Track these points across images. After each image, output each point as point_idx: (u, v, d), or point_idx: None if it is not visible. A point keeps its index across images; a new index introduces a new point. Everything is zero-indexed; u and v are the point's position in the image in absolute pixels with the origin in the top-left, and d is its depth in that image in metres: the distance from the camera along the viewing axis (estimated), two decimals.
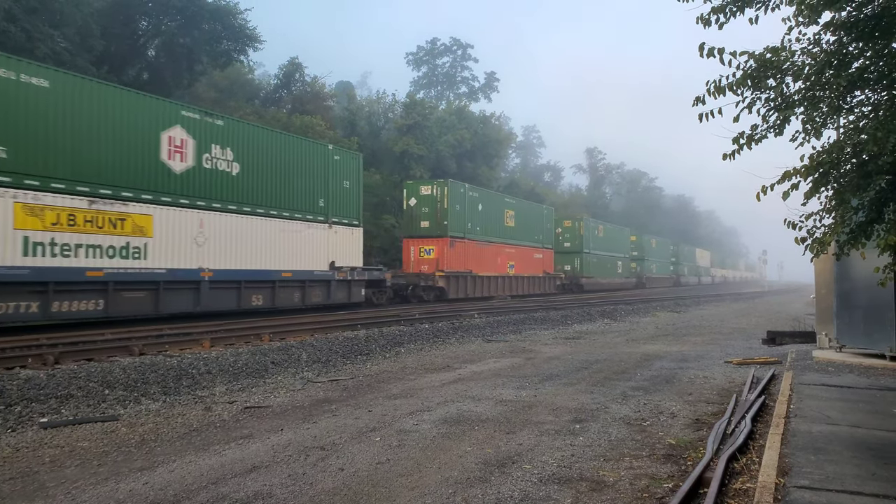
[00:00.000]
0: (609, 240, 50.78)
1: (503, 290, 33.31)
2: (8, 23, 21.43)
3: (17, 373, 9.67)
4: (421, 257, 29.03)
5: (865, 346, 11.79)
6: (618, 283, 51.51)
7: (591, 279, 45.70)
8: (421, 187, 30.05)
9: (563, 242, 44.76)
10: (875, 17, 5.52)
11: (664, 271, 67.84)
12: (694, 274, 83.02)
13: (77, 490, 5.24)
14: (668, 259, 70.27)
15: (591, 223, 47.55)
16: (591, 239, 46.39)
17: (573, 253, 44.79)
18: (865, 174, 5.70)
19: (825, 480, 4.99)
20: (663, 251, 68.30)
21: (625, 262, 54.52)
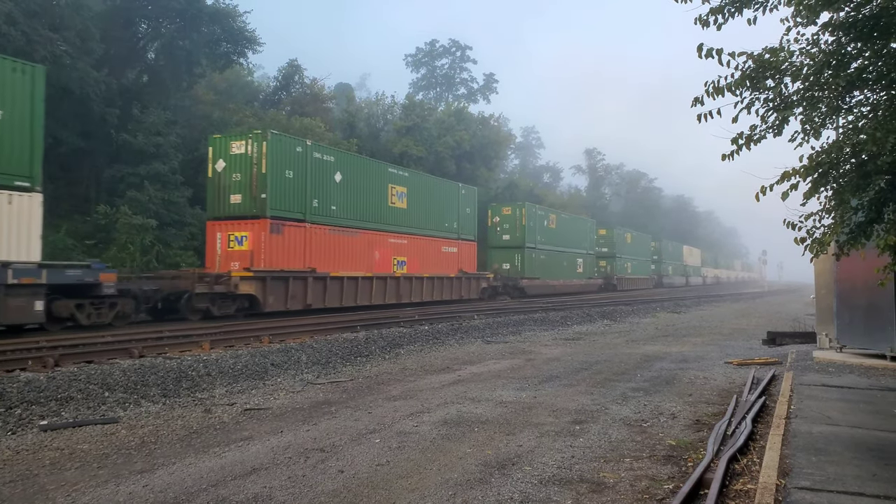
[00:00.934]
0: (565, 232, 42.85)
1: (383, 297, 24.69)
2: (8, 26, 21.43)
3: (17, 375, 9.65)
4: (231, 249, 19.95)
5: (866, 347, 11.79)
6: (576, 284, 43.94)
7: (537, 281, 37.45)
8: (231, 143, 20.43)
9: (502, 235, 37.19)
10: (873, 17, 5.52)
11: (642, 271, 60.04)
12: (681, 274, 75.75)
13: (77, 492, 5.23)
14: (649, 257, 62.98)
15: (537, 211, 39.51)
16: (538, 231, 38.38)
17: (513, 248, 36.75)
18: (865, 174, 5.70)
19: (826, 481, 4.98)
20: (641, 248, 60.14)
21: (588, 260, 47.05)
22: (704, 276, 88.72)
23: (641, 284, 58.85)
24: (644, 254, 61.71)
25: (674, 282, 70.92)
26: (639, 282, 58.50)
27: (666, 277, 68.04)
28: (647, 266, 62.95)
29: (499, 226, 37.51)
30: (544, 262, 39.10)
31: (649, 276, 62.96)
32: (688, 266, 79.81)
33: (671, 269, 71.11)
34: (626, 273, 54.87)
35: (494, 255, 37.18)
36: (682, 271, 77.09)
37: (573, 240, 44.72)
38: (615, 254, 52.35)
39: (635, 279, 57.33)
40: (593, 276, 48.36)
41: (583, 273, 45.84)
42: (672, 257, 72.60)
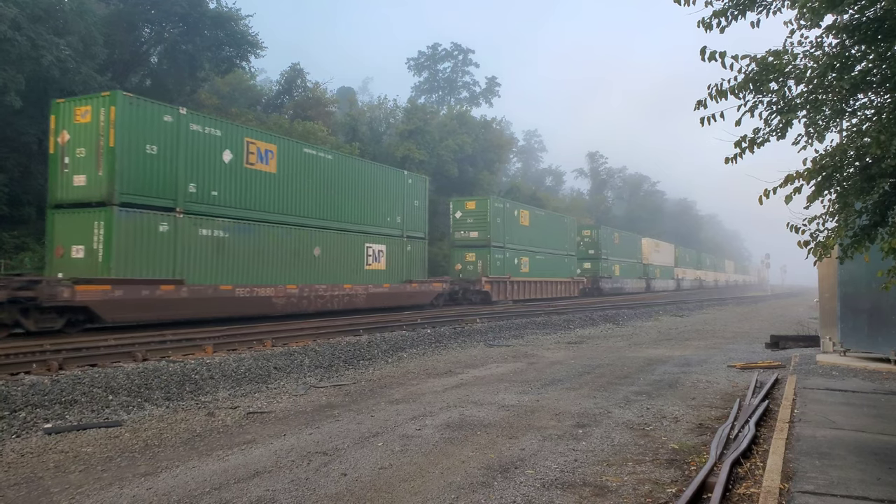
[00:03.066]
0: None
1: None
2: (13, 31, 21.52)
3: (22, 378, 9.66)
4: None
5: (870, 350, 11.76)
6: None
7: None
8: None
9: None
10: (877, 19, 5.51)
11: (558, 270, 41.23)
12: (637, 275, 58.25)
13: (81, 495, 5.24)
14: (571, 251, 43.94)
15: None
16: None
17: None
18: (869, 177, 5.69)
19: (830, 485, 4.97)
20: (556, 236, 41.49)
21: None
22: (679, 279, 72.60)
23: (553, 291, 40.06)
24: (561, 245, 42.21)
25: (623, 285, 53.89)
26: (548, 287, 39.37)
27: (608, 280, 50.65)
28: (569, 267, 43.51)
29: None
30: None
31: (570, 277, 42.94)
32: (651, 266, 62.75)
33: (618, 268, 53.57)
34: (522, 274, 36.35)
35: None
36: (638, 272, 58.97)
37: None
38: (504, 245, 34.40)
39: (540, 283, 38.27)
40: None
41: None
42: (621, 252, 54.78)
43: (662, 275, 67.01)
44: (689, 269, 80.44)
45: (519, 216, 37.01)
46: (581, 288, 45.42)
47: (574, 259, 44.91)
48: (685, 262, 78.74)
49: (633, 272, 57.87)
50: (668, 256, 70.28)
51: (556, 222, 42.99)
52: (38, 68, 22.83)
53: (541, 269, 38.80)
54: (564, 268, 42.79)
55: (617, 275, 53.61)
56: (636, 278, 58.58)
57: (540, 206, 49.79)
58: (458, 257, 33.68)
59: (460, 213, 34.00)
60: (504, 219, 34.60)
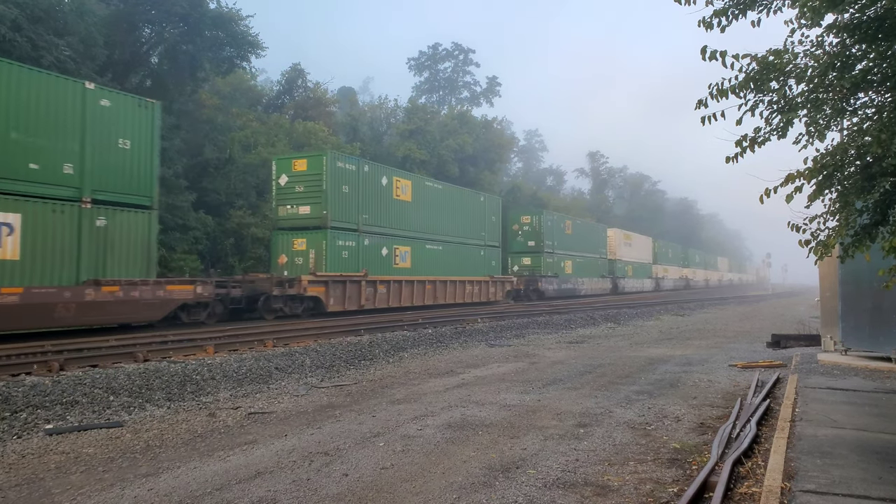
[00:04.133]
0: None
1: None
2: (14, 32, 21.54)
3: (23, 379, 9.69)
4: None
5: (871, 349, 11.75)
6: None
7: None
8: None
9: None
10: (878, 18, 5.51)
11: (472, 267, 31.55)
12: (600, 273, 49.03)
13: (82, 496, 5.24)
14: (490, 243, 33.99)
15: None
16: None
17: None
18: (869, 176, 5.68)
19: (831, 484, 4.97)
20: (467, 222, 31.72)
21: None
22: (658, 278, 63.51)
23: (456, 294, 29.66)
24: (474, 231, 32.14)
25: (577, 287, 43.92)
26: (445, 289, 28.81)
27: (552, 280, 40.16)
28: (481, 259, 32.64)
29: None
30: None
31: (488, 276, 32.81)
32: (620, 262, 53.50)
33: (570, 265, 43.61)
34: (398, 271, 26.10)
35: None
36: (601, 270, 49.82)
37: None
38: (359, 228, 24.25)
39: (430, 283, 27.68)
40: None
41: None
42: (576, 245, 44.97)
43: (636, 273, 57.48)
44: (673, 266, 70.85)
45: (392, 186, 25.92)
46: (508, 291, 35.66)
47: (497, 252, 34.76)
48: (666, 258, 68.71)
49: (592, 270, 47.85)
50: (643, 251, 60.37)
51: (465, 200, 31.78)
52: None
53: (434, 265, 28.13)
54: (478, 263, 32.15)
55: (568, 273, 43.38)
56: (598, 277, 48.53)
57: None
58: (284, 245, 23.15)
59: (286, 176, 23.47)
60: (358, 187, 23.99)
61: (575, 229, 45.94)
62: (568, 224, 45.10)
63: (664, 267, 67.11)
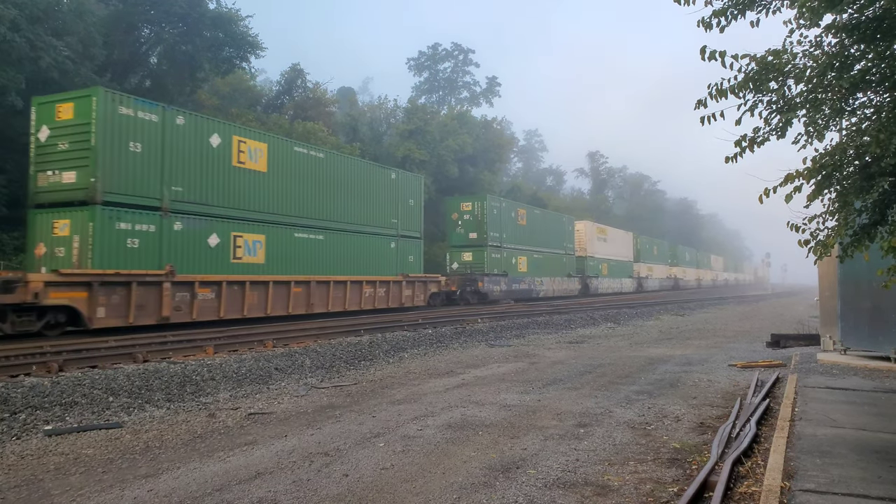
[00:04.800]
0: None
1: None
2: (12, 32, 21.53)
3: (22, 380, 9.68)
4: None
5: (870, 349, 11.76)
6: None
7: None
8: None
9: None
10: (877, 19, 5.51)
11: (364, 265, 24.23)
12: (567, 271, 42.29)
13: (82, 497, 5.24)
14: (408, 233, 27.57)
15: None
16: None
17: None
18: (868, 176, 5.69)
19: (831, 484, 4.97)
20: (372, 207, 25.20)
21: None
22: (640, 278, 57.90)
23: (347, 299, 22.97)
24: (382, 219, 25.66)
25: (533, 288, 37.67)
26: (327, 292, 22.01)
27: (499, 280, 33.88)
28: (391, 252, 26.03)
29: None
30: None
31: (401, 275, 26.30)
32: (592, 259, 46.69)
33: (525, 262, 37.06)
34: (249, 268, 19.69)
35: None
36: (567, 268, 42.56)
37: None
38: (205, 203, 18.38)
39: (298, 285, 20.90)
40: None
41: None
42: (533, 238, 38.34)
43: (613, 272, 51.13)
44: (659, 264, 64.80)
45: (230, 149, 18.70)
46: (433, 293, 28.86)
47: (417, 245, 27.60)
48: (651, 255, 62.33)
49: (555, 268, 40.54)
50: (622, 247, 54.05)
51: (366, 176, 24.77)
52: (37, 69, 22.83)
53: (308, 260, 21.40)
54: (386, 258, 25.32)
55: (522, 271, 36.63)
56: (562, 277, 41.49)
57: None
58: (43, 229, 16.32)
59: (48, 129, 16.28)
60: (163, 146, 17.17)
61: (531, 220, 38.40)
62: (521, 213, 37.52)
63: (648, 265, 61.13)
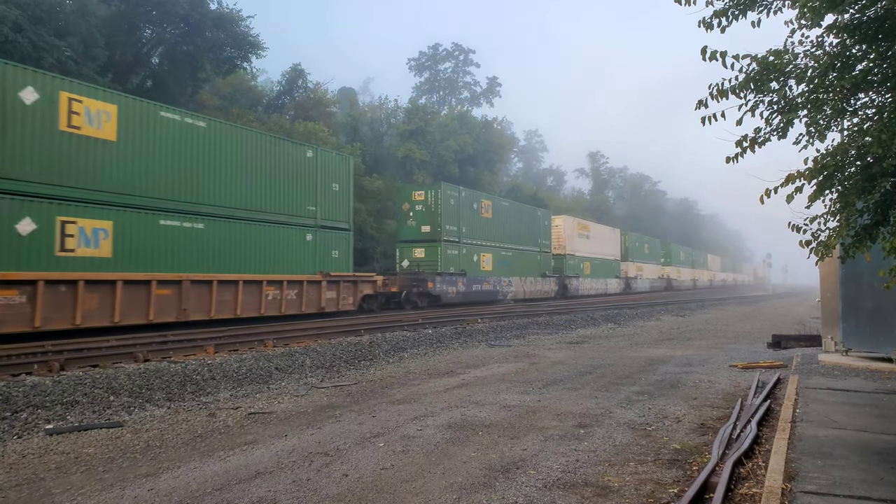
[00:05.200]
0: None
1: None
2: (15, 33, 21.55)
3: (23, 379, 9.69)
4: None
5: (871, 350, 11.74)
6: None
7: None
8: None
9: None
10: (878, 19, 5.51)
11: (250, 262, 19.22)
12: (537, 272, 37.18)
13: (83, 496, 5.24)
14: (331, 223, 22.84)
15: None
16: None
17: None
18: (870, 177, 5.68)
19: (832, 485, 4.96)
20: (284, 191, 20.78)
21: None
22: (629, 278, 53.83)
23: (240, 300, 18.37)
24: (295, 205, 21.34)
25: (498, 289, 33.15)
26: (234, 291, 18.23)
27: (455, 281, 29.46)
28: (305, 248, 21.52)
29: None
30: None
31: (313, 274, 21.51)
32: (572, 258, 41.74)
33: (489, 260, 32.70)
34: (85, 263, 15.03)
35: None
36: (544, 267, 37.92)
37: None
38: None
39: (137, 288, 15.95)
40: None
41: None
42: (501, 233, 33.79)
43: (597, 272, 46.26)
44: (650, 263, 60.84)
45: (62, 112, 14.95)
46: (366, 295, 24.49)
47: (345, 238, 23.49)
48: (641, 254, 58.36)
49: (527, 267, 36.05)
50: (607, 245, 49.26)
51: (269, 153, 20.52)
52: None
53: (181, 252, 17.36)
54: (300, 253, 21.39)
55: (486, 270, 32.16)
56: (536, 277, 37.00)
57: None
58: None
59: None
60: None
61: (498, 212, 33.64)
62: (486, 204, 32.63)
63: (638, 265, 57.11)
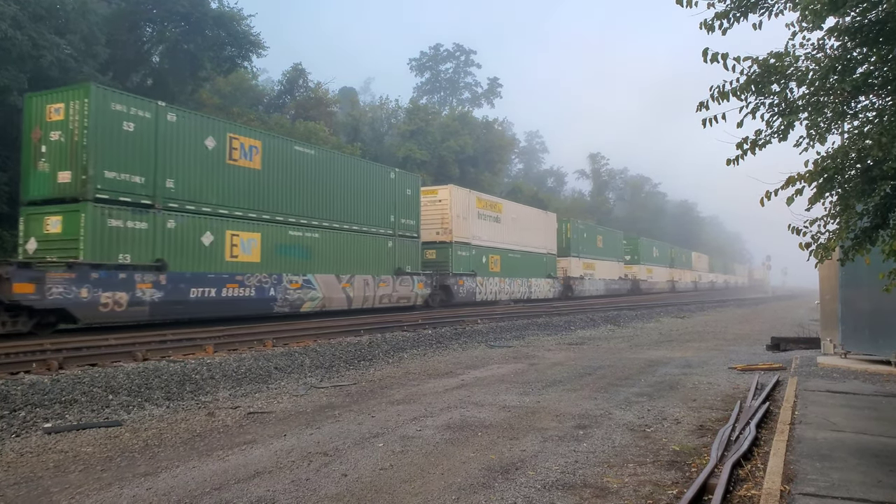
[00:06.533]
0: None
1: None
2: (14, 30, 21.52)
3: (22, 378, 9.68)
4: None
5: (870, 352, 11.74)
6: None
7: None
8: None
9: None
10: (879, 22, 5.51)
11: None
12: (343, 264, 21.57)
13: (81, 495, 5.24)
14: None
15: None
16: None
17: None
18: (870, 179, 5.68)
19: (831, 487, 4.96)
20: None
21: None
22: (570, 279, 41.09)
23: None
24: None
25: (281, 295, 18.89)
26: None
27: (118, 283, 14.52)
28: None
29: None
30: None
31: None
32: (471, 248, 30.13)
33: (253, 245, 18.23)
34: None
35: None
36: (402, 259, 24.66)
37: None
38: None
39: None
40: None
41: None
42: (293, 202, 19.80)
43: (514, 269, 33.74)
44: (605, 260, 48.09)
45: None
46: None
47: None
48: (591, 248, 45.44)
49: (363, 259, 22.89)
50: (535, 234, 36.68)
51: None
52: (39, 67, 22.84)
53: None
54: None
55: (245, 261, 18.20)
56: (382, 275, 23.65)
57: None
58: None
59: None
60: None
61: (280, 160, 19.44)
62: (246, 144, 18.36)
63: (586, 261, 44.19)
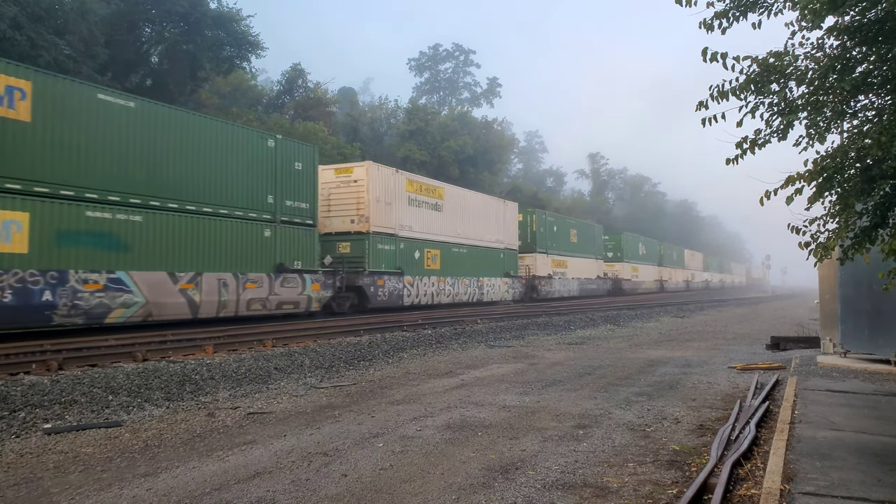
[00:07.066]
0: None
1: None
2: (13, 30, 21.52)
3: (21, 378, 9.67)
4: None
5: (870, 352, 11.75)
6: None
7: None
8: None
9: None
10: (878, 21, 5.51)
11: None
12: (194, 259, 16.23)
13: (81, 496, 5.23)
14: None
15: None
16: None
17: None
18: (869, 179, 5.69)
19: (830, 486, 4.96)
20: None
21: None
22: (535, 277, 36.75)
23: None
24: None
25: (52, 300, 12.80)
26: None
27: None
28: None
29: None
30: None
31: None
32: (390, 240, 24.94)
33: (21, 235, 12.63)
34: None
35: None
36: (284, 253, 19.27)
37: None
38: None
39: None
40: None
41: None
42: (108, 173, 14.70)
43: (460, 267, 29.81)
44: (579, 258, 43.39)
45: None
46: None
47: None
48: (563, 243, 40.98)
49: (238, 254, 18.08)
50: (488, 226, 32.49)
51: None
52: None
53: None
54: None
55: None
56: (257, 272, 18.52)
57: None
58: None
59: None
60: None
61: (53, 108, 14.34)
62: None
63: (556, 258, 39.83)
